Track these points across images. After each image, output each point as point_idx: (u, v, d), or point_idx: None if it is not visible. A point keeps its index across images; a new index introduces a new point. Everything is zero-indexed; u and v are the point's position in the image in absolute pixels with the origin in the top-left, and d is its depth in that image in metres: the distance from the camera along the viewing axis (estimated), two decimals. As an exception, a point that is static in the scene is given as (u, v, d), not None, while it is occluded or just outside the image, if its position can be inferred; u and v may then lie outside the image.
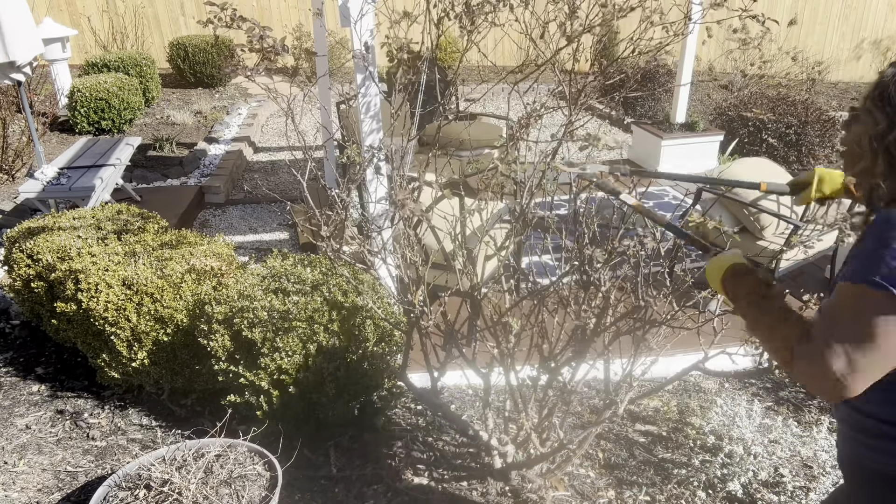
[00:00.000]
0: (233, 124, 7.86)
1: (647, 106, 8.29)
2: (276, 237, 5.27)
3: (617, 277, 2.19)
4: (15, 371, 3.47)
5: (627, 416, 3.15)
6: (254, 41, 2.05)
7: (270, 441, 2.82)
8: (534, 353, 2.36)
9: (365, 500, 2.64)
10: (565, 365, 2.28)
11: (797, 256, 4.01)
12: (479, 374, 2.51)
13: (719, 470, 2.72)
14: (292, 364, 2.60)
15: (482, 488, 2.68)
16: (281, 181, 6.56)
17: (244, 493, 2.28)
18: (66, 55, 7.60)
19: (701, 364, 2.31)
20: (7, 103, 6.17)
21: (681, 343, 3.46)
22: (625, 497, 2.68)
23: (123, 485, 2.33)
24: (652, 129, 6.43)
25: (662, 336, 2.33)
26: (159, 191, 5.95)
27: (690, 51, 6.06)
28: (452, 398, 3.28)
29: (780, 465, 2.76)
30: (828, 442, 2.83)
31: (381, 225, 3.09)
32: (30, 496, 2.68)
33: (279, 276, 2.86)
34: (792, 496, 2.61)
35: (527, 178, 2.29)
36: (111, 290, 2.87)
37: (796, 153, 6.62)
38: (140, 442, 2.98)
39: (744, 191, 4.06)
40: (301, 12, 10.14)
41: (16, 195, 5.52)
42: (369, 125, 3.10)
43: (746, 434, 2.79)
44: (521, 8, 2.19)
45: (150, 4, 9.82)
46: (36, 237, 3.30)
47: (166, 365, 3.00)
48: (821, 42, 11.01)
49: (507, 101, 2.59)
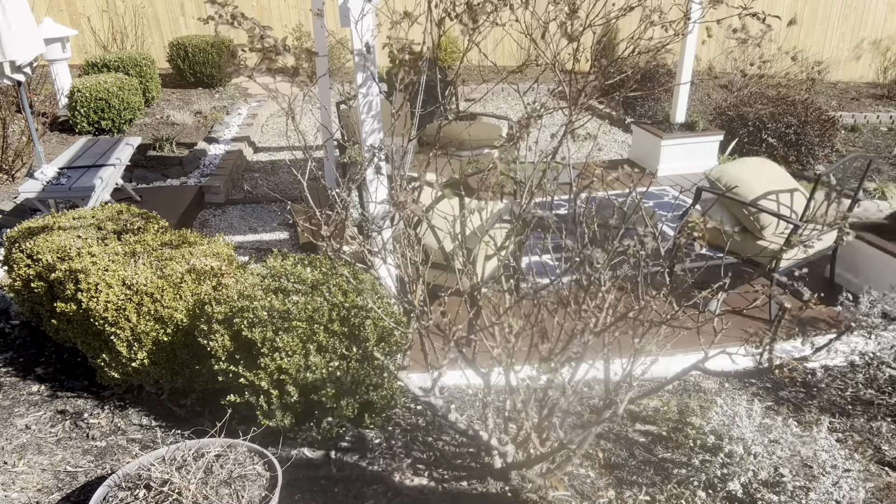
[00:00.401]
0: (233, 124, 7.86)
1: (647, 106, 8.30)
2: (276, 237, 5.27)
3: (617, 277, 2.18)
4: (15, 371, 3.47)
5: (627, 416, 3.15)
6: (254, 41, 2.05)
7: (270, 441, 2.82)
8: (534, 353, 2.36)
9: (365, 500, 2.64)
10: (565, 365, 2.28)
11: (797, 256, 4.01)
12: (479, 374, 2.51)
13: (719, 470, 2.72)
14: (292, 364, 2.60)
15: (482, 488, 2.68)
16: (281, 181, 6.56)
17: (244, 493, 2.28)
18: (66, 55, 7.60)
19: (701, 364, 2.30)
20: (7, 103, 6.17)
21: (681, 343, 3.46)
22: (625, 497, 2.68)
23: (123, 485, 2.33)
24: (652, 128, 6.42)
25: (662, 336, 2.33)
26: (159, 191, 5.94)
27: (690, 50, 6.06)
28: (453, 398, 3.28)
29: (780, 464, 2.76)
30: (828, 442, 2.83)
31: (381, 225, 3.09)
32: (30, 496, 2.68)
33: (279, 276, 2.86)
34: (792, 496, 2.61)
35: (527, 178, 2.29)
36: (111, 290, 2.87)
37: (796, 153, 6.62)
38: (140, 442, 2.98)
39: (744, 190, 4.06)
40: (301, 12, 10.14)
41: (16, 195, 5.52)
42: (369, 125, 3.11)
43: (746, 434, 2.79)
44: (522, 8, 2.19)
45: (150, 4, 9.82)
46: (36, 237, 3.29)
47: (166, 365, 3.00)
48: (820, 42, 11.02)
49: (507, 101, 2.59)
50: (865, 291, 3.78)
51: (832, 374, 3.52)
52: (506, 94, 9.52)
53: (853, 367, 3.54)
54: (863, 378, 3.44)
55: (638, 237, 2.07)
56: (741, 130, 6.78)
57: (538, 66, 2.25)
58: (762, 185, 4.09)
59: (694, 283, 2.17)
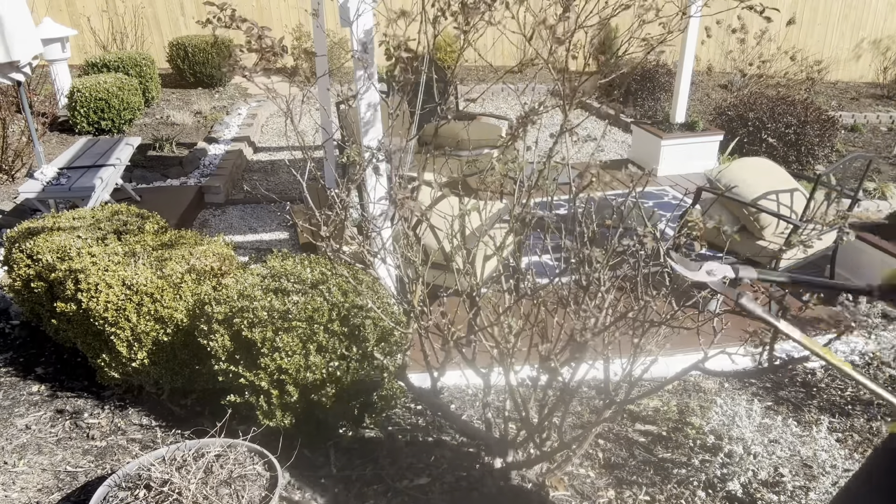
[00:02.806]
0: (232, 124, 7.86)
1: (647, 106, 8.30)
2: (275, 237, 5.27)
3: (617, 277, 2.18)
4: (15, 371, 3.47)
5: (627, 416, 3.15)
6: (252, 41, 2.05)
7: (270, 441, 2.82)
8: (533, 353, 2.36)
9: (365, 500, 2.65)
10: (565, 365, 2.28)
11: (797, 256, 4.01)
12: (478, 374, 2.51)
13: (719, 469, 2.72)
14: (292, 364, 2.60)
15: (482, 488, 2.68)
16: (281, 181, 6.56)
17: (244, 493, 2.28)
18: (65, 55, 7.60)
19: (701, 364, 2.30)
20: (7, 103, 6.17)
21: (680, 343, 3.46)
22: (625, 497, 2.68)
23: (123, 485, 2.33)
24: (652, 128, 6.43)
25: (662, 336, 2.33)
26: (159, 191, 5.95)
27: (690, 50, 6.06)
28: (452, 398, 3.28)
29: (780, 464, 2.76)
30: (827, 441, 2.83)
31: (381, 225, 3.09)
32: (30, 496, 2.68)
33: (279, 276, 2.86)
34: (792, 496, 2.61)
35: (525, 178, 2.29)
36: (111, 290, 2.87)
37: (796, 153, 6.62)
38: (140, 442, 2.98)
39: (743, 190, 4.06)
40: (301, 12, 10.14)
41: (16, 195, 5.52)
42: (369, 125, 3.11)
43: (746, 434, 2.79)
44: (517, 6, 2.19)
45: (150, 4, 9.82)
46: (36, 237, 3.30)
47: (166, 365, 3.00)
48: (820, 42, 11.01)
49: (507, 101, 2.59)
50: (865, 291, 3.77)
51: (832, 374, 3.52)
52: (505, 95, 9.52)
53: (853, 367, 3.54)
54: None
55: (637, 237, 2.07)
56: (741, 130, 6.78)
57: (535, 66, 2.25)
58: (762, 185, 4.09)
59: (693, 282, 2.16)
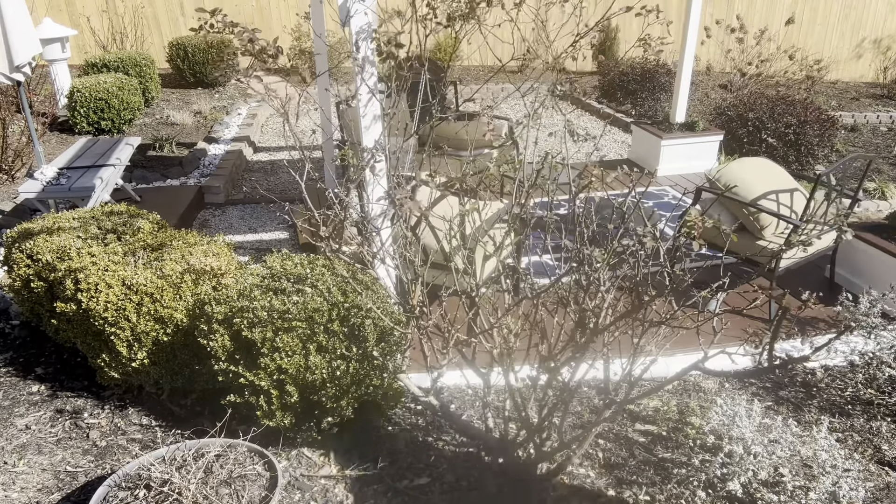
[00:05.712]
0: (232, 124, 7.86)
1: (647, 106, 8.30)
2: (275, 237, 5.27)
3: (617, 277, 2.18)
4: (15, 371, 3.47)
5: (627, 416, 3.15)
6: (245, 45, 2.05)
7: (270, 441, 2.82)
8: (533, 353, 2.36)
9: (365, 500, 2.65)
10: (565, 365, 2.28)
11: (797, 256, 4.01)
12: (478, 374, 2.51)
13: (719, 469, 2.72)
14: (292, 364, 2.60)
15: (482, 488, 2.68)
16: (281, 181, 6.56)
17: (244, 493, 2.28)
18: (65, 55, 7.60)
19: (701, 364, 2.30)
20: (7, 103, 6.17)
21: (680, 343, 3.46)
22: (625, 497, 2.68)
23: (123, 485, 2.33)
24: (652, 128, 6.43)
25: (662, 336, 2.33)
26: (159, 191, 5.94)
27: (690, 50, 6.06)
28: (452, 398, 3.28)
29: (780, 464, 2.76)
30: (827, 441, 2.83)
31: (380, 225, 3.09)
32: (30, 496, 2.68)
33: (279, 276, 2.86)
34: (792, 496, 2.61)
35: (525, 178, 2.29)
36: (111, 290, 2.87)
37: (795, 153, 6.62)
38: (140, 442, 2.98)
39: (743, 190, 4.06)
40: (301, 12, 10.14)
41: (15, 195, 5.52)
42: (368, 125, 3.11)
43: (746, 434, 2.79)
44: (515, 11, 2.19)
45: (150, 5, 9.82)
46: (35, 237, 3.29)
47: (166, 365, 3.00)
48: (820, 41, 11.02)
49: (507, 102, 2.60)
50: (865, 291, 3.78)
51: (832, 374, 3.52)
52: (505, 95, 9.52)
53: (853, 367, 3.54)
54: (862, 378, 3.44)
55: (637, 237, 2.07)
56: (741, 130, 6.78)
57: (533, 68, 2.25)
58: (762, 185, 4.09)
59: (693, 282, 2.17)
